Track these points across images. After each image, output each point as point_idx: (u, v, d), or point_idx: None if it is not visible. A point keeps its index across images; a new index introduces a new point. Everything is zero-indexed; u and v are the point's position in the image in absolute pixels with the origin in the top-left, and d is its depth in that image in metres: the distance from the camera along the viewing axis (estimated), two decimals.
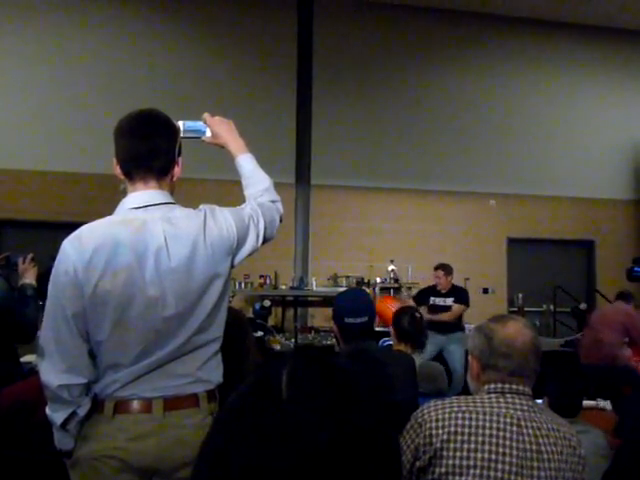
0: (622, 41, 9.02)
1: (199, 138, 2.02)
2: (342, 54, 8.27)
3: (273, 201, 1.99)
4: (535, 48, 8.84)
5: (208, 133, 2.02)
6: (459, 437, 1.64)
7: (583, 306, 7.13)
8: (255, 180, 2.01)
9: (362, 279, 7.66)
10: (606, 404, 3.80)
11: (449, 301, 6.60)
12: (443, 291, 6.60)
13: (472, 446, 1.63)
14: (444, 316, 6.45)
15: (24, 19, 7.46)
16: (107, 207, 1.87)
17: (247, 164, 2.02)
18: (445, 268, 6.64)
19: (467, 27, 8.60)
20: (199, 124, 2.02)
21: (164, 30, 7.85)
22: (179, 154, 1.82)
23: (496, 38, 8.77)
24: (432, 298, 6.64)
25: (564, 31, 8.87)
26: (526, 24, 8.75)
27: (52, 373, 1.63)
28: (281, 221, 2.01)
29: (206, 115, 2.03)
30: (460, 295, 6.64)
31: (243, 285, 7.32)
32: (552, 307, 8.12)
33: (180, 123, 1.96)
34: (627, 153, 8.98)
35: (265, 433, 0.64)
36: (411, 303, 6.75)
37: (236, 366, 1.81)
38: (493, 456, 1.62)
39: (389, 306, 6.42)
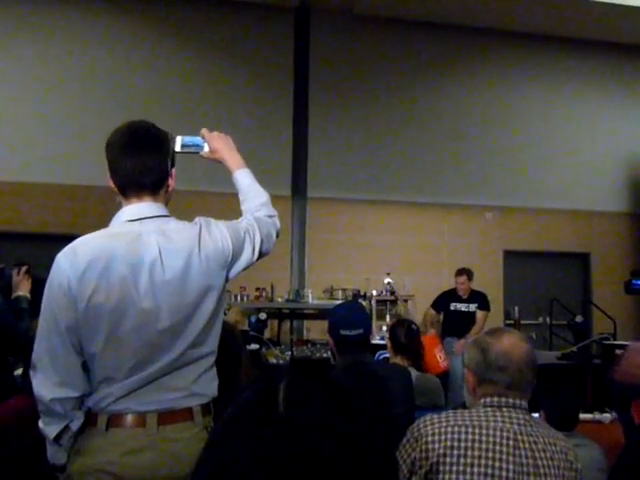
0: (617, 54, 9.09)
1: (197, 153, 2.03)
2: (338, 68, 8.32)
3: (270, 216, 2.00)
4: (530, 62, 8.91)
5: (206, 148, 2.02)
6: (455, 451, 1.63)
7: (579, 319, 7.11)
8: (252, 195, 2.01)
9: (358, 292, 7.64)
10: (603, 417, 3.79)
11: (472, 307, 6.43)
12: (464, 296, 6.45)
13: (469, 460, 1.62)
14: (474, 332, 6.17)
15: (27, 33, 7.49)
16: (103, 219, 1.86)
17: (244, 179, 2.03)
18: (468, 273, 6.49)
19: (463, 41, 8.67)
20: (197, 139, 2.02)
21: (163, 45, 7.89)
22: (172, 166, 1.81)
23: (492, 52, 8.84)
24: (453, 304, 6.47)
25: (560, 45, 8.94)
26: (522, 38, 8.81)
27: (45, 386, 1.61)
28: (278, 236, 2.01)
29: (204, 130, 2.04)
30: (483, 301, 6.47)
31: (239, 298, 7.30)
32: (548, 320, 8.11)
33: (178, 138, 1.96)
34: (622, 166, 9.02)
35: (262, 446, 0.63)
36: (432, 313, 6.61)
37: (229, 380, 1.80)
38: (489, 470, 1.61)
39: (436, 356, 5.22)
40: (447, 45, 8.64)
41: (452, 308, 6.50)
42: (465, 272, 6.52)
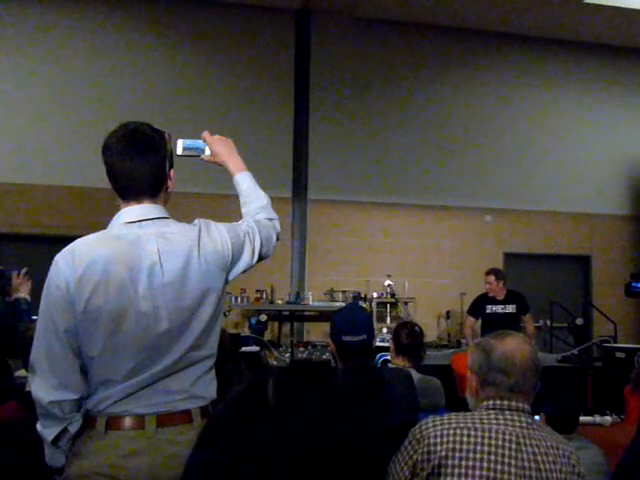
0: (617, 58, 9.10)
1: (198, 156, 2.02)
2: (339, 70, 8.32)
3: (270, 219, 1.98)
4: (531, 64, 8.91)
5: (207, 151, 2.02)
6: (457, 454, 1.62)
7: (579, 321, 7.11)
8: (253, 198, 2.00)
9: (359, 294, 7.64)
10: (603, 420, 3.77)
11: (510, 308, 6.08)
12: (499, 297, 6.10)
13: (470, 463, 1.61)
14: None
15: (26, 35, 7.50)
16: (103, 221, 1.85)
17: (245, 182, 2.02)
18: (497, 273, 6.16)
19: (463, 44, 8.67)
20: (198, 142, 2.02)
21: (164, 47, 7.89)
22: (171, 166, 1.80)
23: (491, 55, 8.84)
24: (489, 306, 6.11)
25: (560, 49, 8.95)
26: (522, 42, 8.82)
27: (43, 389, 1.60)
28: (278, 239, 1.99)
29: (205, 133, 2.03)
30: (523, 303, 6.09)
31: (239, 299, 7.29)
32: (549, 322, 8.10)
33: (180, 141, 1.96)
34: (622, 169, 9.02)
35: (252, 440, 0.64)
36: (472, 320, 6.20)
37: (219, 385, 1.79)
38: (492, 473, 1.60)
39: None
40: (447, 48, 8.64)
41: (488, 311, 6.11)
42: (493, 272, 6.17)
